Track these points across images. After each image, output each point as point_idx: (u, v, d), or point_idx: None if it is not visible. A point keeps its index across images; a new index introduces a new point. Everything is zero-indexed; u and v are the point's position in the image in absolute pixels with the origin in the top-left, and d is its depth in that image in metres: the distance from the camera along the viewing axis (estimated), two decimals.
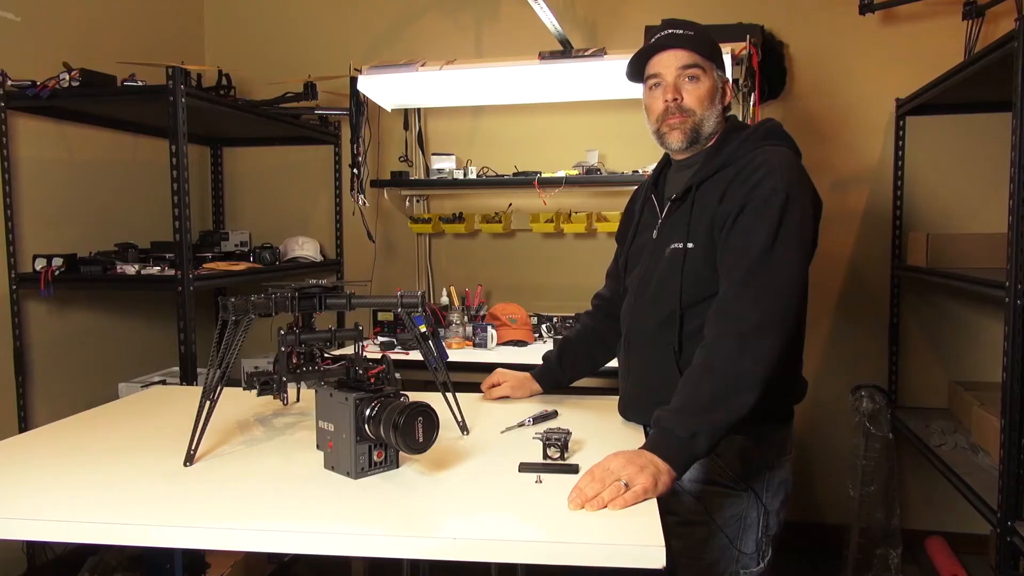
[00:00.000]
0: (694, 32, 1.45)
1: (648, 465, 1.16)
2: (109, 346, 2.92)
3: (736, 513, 1.42)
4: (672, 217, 1.48)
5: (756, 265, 1.29)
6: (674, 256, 1.43)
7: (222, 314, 1.37)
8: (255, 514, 1.10)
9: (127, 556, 2.22)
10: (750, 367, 1.24)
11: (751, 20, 2.79)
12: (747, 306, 1.27)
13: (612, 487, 1.12)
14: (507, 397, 1.79)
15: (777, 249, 1.29)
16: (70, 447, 1.43)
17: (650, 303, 1.48)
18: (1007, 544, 1.87)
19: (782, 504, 1.47)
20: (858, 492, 2.80)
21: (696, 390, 1.26)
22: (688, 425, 1.21)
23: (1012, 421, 1.83)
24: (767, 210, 1.31)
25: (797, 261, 1.31)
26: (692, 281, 1.40)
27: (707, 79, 1.44)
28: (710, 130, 1.46)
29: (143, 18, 3.14)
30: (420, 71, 2.71)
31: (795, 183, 1.34)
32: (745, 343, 1.25)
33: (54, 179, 2.67)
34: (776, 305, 1.27)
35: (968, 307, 2.93)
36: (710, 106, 1.45)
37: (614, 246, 1.81)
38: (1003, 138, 2.07)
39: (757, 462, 1.43)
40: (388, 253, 3.45)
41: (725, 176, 1.40)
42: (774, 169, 1.34)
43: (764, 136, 1.45)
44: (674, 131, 1.46)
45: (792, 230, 1.30)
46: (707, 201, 1.40)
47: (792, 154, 1.42)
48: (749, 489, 1.43)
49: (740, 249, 1.31)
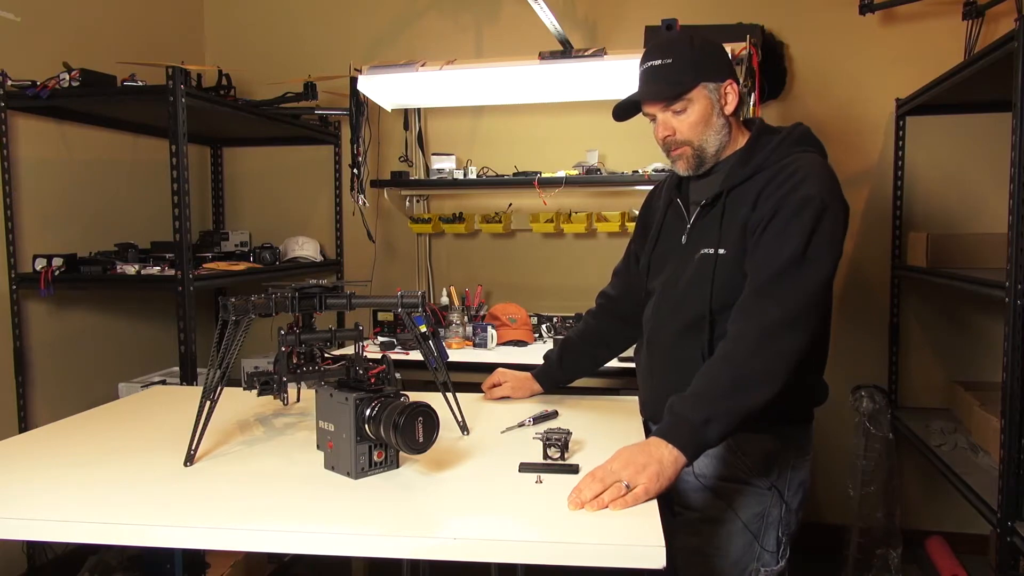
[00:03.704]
0: (672, 59, 1.40)
1: (651, 463, 1.16)
2: (109, 346, 2.92)
3: (759, 511, 1.43)
4: (702, 222, 1.48)
5: (786, 268, 1.29)
6: (704, 261, 1.43)
7: (222, 314, 1.37)
8: (255, 514, 1.10)
9: (127, 556, 2.22)
10: (770, 361, 1.25)
11: (751, 20, 2.78)
12: (771, 304, 1.28)
13: (613, 488, 1.12)
14: (508, 397, 1.79)
15: (808, 255, 1.30)
16: (70, 447, 1.43)
17: (677, 307, 1.47)
18: (1007, 544, 1.87)
19: (801, 503, 1.49)
20: (858, 492, 2.80)
21: (713, 379, 1.27)
22: (702, 410, 1.22)
23: (1012, 421, 1.83)
24: (802, 216, 1.31)
25: (826, 268, 1.32)
26: (723, 287, 1.39)
27: (696, 104, 1.41)
28: (716, 147, 1.45)
29: (143, 18, 3.14)
30: (420, 71, 2.70)
31: (830, 191, 1.34)
32: (766, 337, 1.26)
33: (54, 179, 2.67)
34: (801, 305, 1.29)
35: (968, 307, 2.93)
36: (706, 129, 1.43)
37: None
38: (1003, 138, 2.07)
39: (781, 461, 1.45)
40: (388, 253, 3.45)
41: (758, 182, 1.39)
42: (810, 176, 1.34)
43: (797, 141, 1.44)
44: (678, 162, 1.47)
45: (824, 238, 1.31)
46: (739, 206, 1.40)
47: (823, 160, 1.42)
48: (773, 487, 1.44)
49: (771, 252, 1.32)
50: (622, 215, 2.99)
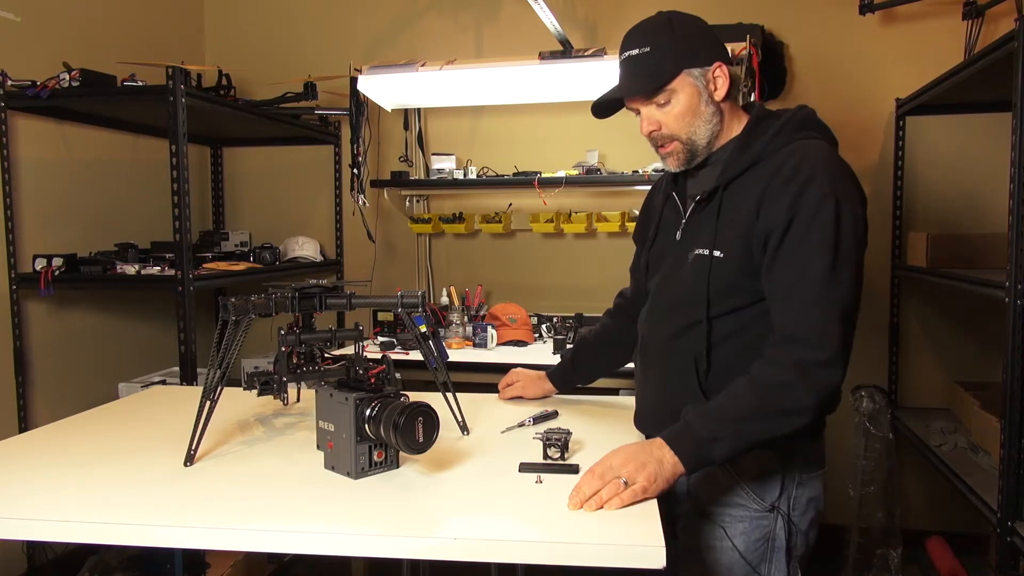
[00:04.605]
0: (650, 47, 1.28)
1: (650, 461, 1.15)
2: (109, 346, 2.92)
3: (760, 536, 1.32)
4: (696, 219, 1.36)
5: (821, 287, 1.19)
6: (699, 263, 1.31)
7: (222, 314, 1.37)
8: (255, 514, 1.10)
9: (127, 556, 2.22)
10: (803, 397, 1.18)
11: (751, 20, 2.78)
12: (814, 335, 1.18)
13: (611, 485, 1.12)
14: (520, 397, 1.77)
15: (840, 268, 1.19)
16: (70, 447, 1.43)
17: (670, 311, 1.38)
18: (1007, 544, 1.87)
19: (812, 522, 1.36)
20: (858, 492, 2.80)
21: (736, 399, 1.20)
22: (712, 427, 1.17)
23: (1012, 421, 1.83)
24: (820, 223, 1.19)
25: (858, 276, 1.22)
26: (720, 292, 1.29)
27: (681, 94, 1.29)
28: (707, 138, 1.33)
29: (143, 18, 3.14)
30: (420, 71, 2.71)
31: (841, 184, 1.22)
32: (806, 372, 1.18)
33: (54, 179, 2.67)
34: (845, 335, 1.19)
35: (968, 307, 2.93)
36: (694, 120, 1.31)
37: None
38: (1003, 138, 2.07)
39: (782, 479, 1.32)
40: (388, 253, 3.45)
41: (758, 174, 1.27)
42: (816, 171, 1.21)
43: (798, 127, 1.30)
44: (668, 159, 1.37)
45: (849, 241, 1.20)
46: (737, 203, 1.28)
47: (829, 148, 1.28)
48: (774, 510, 1.32)
49: (799, 269, 1.20)
50: (622, 215, 2.99)
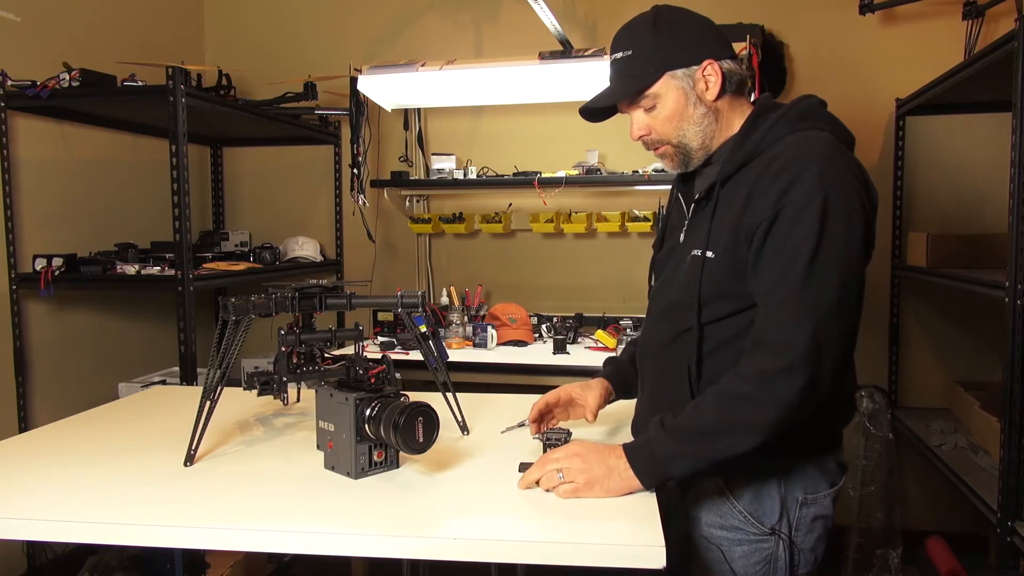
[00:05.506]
0: (632, 49, 1.25)
1: (597, 467, 1.15)
2: (109, 346, 2.92)
3: (760, 559, 1.26)
4: (697, 219, 1.30)
5: (796, 287, 1.10)
6: (693, 264, 1.24)
7: (222, 314, 1.37)
8: (255, 514, 1.10)
9: (127, 556, 2.22)
10: (760, 410, 1.10)
11: (751, 20, 2.78)
12: (778, 340, 1.11)
13: (548, 475, 1.16)
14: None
15: (821, 266, 1.10)
16: (70, 447, 1.43)
17: (664, 316, 1.32)
18: (1007, 544, 1.87)
19: (819, 540, 1.28)
20: (858, 492, 2.80)
21: (697, 414, 1.14)
22: (670, 446, 1.13)
23: (1012, 421, 1.83)
24: (804, 220, 1.10)
25: (843, 279, 1.11)
26: (710, 294, 1.21)
27: (666, 98, 1.24)
28: (700, 140, 1.26)
29: (143, 18, 3.14)
30: (420, 71, 2.71)
31: (835, 180, 1.12)
32: (765, 382, 1.10)
33: (54, 179, 2.67)
34: (811, 340, 1.09)
35: (968, 307, 2.93)
36: (682, 123, 1.25)
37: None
38: (1003, 138, 2.07)
39: (782, 501, 1.25)
40: (388, 253, 3.45)
41: (753, 170, 1.18)
42: (807, 164, 1.12)
43: (798, 118, 1.21)
44: (664, 160, 1.33)
45: (835, 242, 1.10)
46: (731, 201, 1.20)
47: (832, 140, 1.17)
48: (775, 533, 1.25)
49: (775, 269, 1.12)
50: (622, 215, 2.99)
